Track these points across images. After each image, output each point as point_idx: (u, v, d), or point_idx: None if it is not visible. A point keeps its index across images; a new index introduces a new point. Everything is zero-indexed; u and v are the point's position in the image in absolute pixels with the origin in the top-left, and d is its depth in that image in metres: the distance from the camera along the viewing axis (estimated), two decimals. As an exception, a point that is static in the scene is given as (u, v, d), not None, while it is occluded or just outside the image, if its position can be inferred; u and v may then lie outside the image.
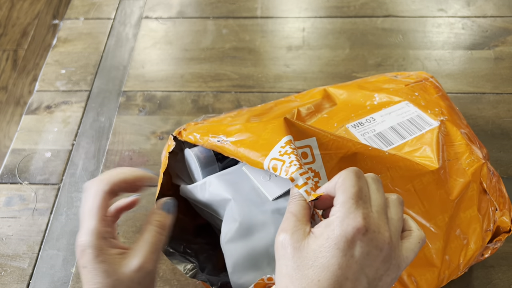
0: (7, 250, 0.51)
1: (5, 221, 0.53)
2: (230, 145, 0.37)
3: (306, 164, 0.35)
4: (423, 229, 0.37)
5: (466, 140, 0.42)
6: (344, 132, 0.42)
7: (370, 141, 0.41)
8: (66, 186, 0.55)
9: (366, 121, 0.43)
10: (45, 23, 1.46)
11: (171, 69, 0.66)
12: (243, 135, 0.37)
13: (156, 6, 0.75)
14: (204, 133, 0.40)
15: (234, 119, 0.46)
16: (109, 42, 0.70)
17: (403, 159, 0.38)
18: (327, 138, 0.36)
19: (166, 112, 0.62)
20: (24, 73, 1.34)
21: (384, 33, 0.69)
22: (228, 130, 0.38)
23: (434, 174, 0.38)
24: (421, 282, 0.36)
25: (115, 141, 0.59)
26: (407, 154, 0.40)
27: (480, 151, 0.43)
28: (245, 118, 0.45)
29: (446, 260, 0.38)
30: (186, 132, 0.41)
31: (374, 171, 0.36)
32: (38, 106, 0.63)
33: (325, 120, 0.45)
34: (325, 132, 0.36)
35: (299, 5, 0.74)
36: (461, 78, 0.63)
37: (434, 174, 0.38)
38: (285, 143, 0.34)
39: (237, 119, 0.45)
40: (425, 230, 0.37)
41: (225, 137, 0.38)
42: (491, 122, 0.58)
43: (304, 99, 0.49)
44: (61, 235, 0.51)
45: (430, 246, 0.37)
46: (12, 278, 0.49)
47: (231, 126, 0.39)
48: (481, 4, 0.72)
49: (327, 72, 0.65)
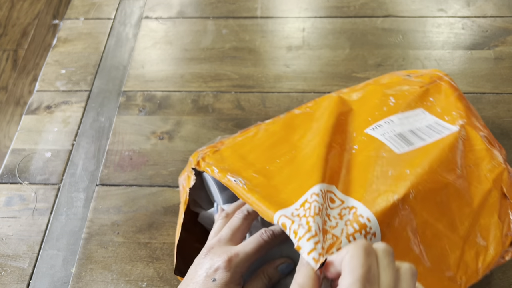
0: (7, 250, 0.51)
1: (5, 221, 0.53)
2: (244, 193, 0.36)
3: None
4: (444, 239, 0.36)
5: (486, 144, 0.41)
6: (365, 138, 0.41)
7: (391, 141, 0.40)
8: (66, 186, 0.55)
9: (384, 123, 0.42)
10: (45, 23, 1.46)
11: (171, 69, 0.66)
12: (262, 186, 0.36)
13: (156, 6, 0.75)
14: (223, 171, 0.38)
15: (253, 146, 0.43)
16: (109, 42, 0.70)
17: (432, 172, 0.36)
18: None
19: (166, 112, 0.62)
20: (24, 73, 1.34)
21: (384, 33, 0.69)
22: (250, 175, 0.37)
23: (455, 184, 0.37)
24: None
25: (115, 141, 0.59)
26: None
27: (500, 153, 0.42)
28: (266, 146, 0.42)
29: (463, 265, 0.37)
30: (205, 163, 0.40)
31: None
32: (38, 106, 0.63)
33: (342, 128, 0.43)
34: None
35: (299, 5, 0.74)
36: (461, 78, 0.63)
37: (455, 183, 0.37)
38: (313, 194, 0.32)
39: (257, 149, 0.42)
40: (447, 240, 0.37)
41: (243, 179, 0.36)
42: (491, 122, 0.58)
43: (320, 109, 0.46)
44: (61, 235, 0.51)
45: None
46: (12, 278, 0.49)
47: (253, 173, 0.38)
48: (481, 4, 0.72)
49: (327, 72, 0.65)
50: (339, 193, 0.35)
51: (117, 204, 0.53)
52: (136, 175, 0.56)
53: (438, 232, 0.36)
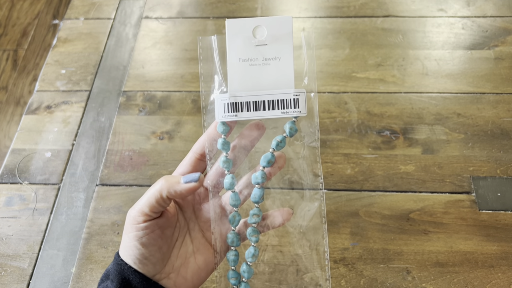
0: (7, 250, 0.51)
1: (5, 221, 0.53)
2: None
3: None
4: None
5: None
6: None
7: None
8: (66, 186, 0.55)
9: None
10: (45, 23, 1.46)
11: (171, 69, 0.66)
12: None
13: (156, 6, 0.75)
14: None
15: None
16: (109, 42, 0.70)
17: None
18: None
19: (166, 112, 0.62)
20: (24, 73, 1.34)
21: (384, 33, 0.69)
22: None
23: None
24: None
25: (115, 141, 0.59)
26: None
27: None
28: None
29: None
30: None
31: None
32: (38, 106, 0.63)
33: None
34: None
35: (299, 5, 0.74)
36: (461, 78, 0.63)
37: None
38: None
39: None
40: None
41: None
42: (491, 122, 0.58)
43: None
44: (61, 235, 0.51)
45: None
46: (12, 278, 0.49)
47: None
48: (481, 4, 0.72)
49: (327, 72, 0.65)
50: None
51: (117, 204, 0.53)
52: (136, 175, 0.56)
53: None
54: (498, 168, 0.54)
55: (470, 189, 0.53)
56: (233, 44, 0.32)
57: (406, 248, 0.49)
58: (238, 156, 0.34)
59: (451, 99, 0.61)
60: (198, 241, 0.35)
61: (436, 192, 0.53)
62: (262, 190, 0.33)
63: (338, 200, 0.53)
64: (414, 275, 0.47)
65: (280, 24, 0.32)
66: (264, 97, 0.32)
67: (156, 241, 0.32)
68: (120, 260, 0.32)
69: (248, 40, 0.32)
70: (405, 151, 0.56)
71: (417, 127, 0.58)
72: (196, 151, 0.34)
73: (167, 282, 0.32)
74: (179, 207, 0.35)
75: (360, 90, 0.62)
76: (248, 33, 0.32)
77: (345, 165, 0.55)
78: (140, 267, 0.32)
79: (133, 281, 0.31)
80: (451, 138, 0.57)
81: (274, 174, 0.33)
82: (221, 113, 0.32)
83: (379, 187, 0.53)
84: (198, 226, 0.35)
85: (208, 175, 0.35)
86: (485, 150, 0.56)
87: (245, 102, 0.32)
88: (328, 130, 0.58)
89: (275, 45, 0.32)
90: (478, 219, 0.50)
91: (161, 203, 0.31)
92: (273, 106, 0.32)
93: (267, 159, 0.33)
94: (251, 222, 0.34)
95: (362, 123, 0.59)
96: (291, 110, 0.32)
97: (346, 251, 0.49)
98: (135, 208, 0.32)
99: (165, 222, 0.32)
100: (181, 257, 0.34)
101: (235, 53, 0.32)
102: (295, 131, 0.33)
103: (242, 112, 0.32)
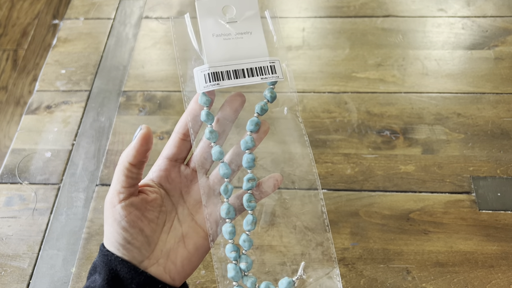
0: (7, 250, 0.51)
1: (5, 221, 0.53)
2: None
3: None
4: None
5: None
6: None
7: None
8: (66, 186, 0.55)
9: None
10: (45, 23, 1.46)
11: (171, 69, 0.66)
12: None
13: (156, 6, 0.75)
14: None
15: None
16: (109, 42, 0.70)
17: None
18: None
19: (166, 112, 0.61)
20: (24, 73, 1.34)
21: (384, 33, 0.69)
22: None
23: None
24: None
25: (115, 141, 0.59)
26: None
27: None
28: None
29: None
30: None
31: None
32: (38, 106, 0.63)
33: None
34: None
35: (299, 5, 0.74)
36: (461, 78, 0.63)
37: None
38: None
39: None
40: None
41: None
42: (491, 122, 0.58)
43: None
44: (61, 235, 0.51)
45: None
46: (12, 278, 0.49)
47: None
48: (481, 4, 0.72)
49: (327, 72, 0.65)
50: None
51: (117, 204, 0.53)
52: (136, 175, 0.56)
53: None
54: (498, 168, 0.54)
55: (470, 189, 0.53)
56: (205, 22, 0.34)
57: (406, 248, 0.49)
58: (223, 129, 0.34)
59: (451, 99, 0.61)
60: (187, 225, 0.34)
61: (436, 192, 0.53)
62: (253, 155, 0.33)
63: (338, 200, 0.53)
64: (414, 275, 0.47)
65: (247, 3, 0.34)
66: (243, 66, 0.34)
67: (136, 223, 0.31)
68: (106, 251, 0.31)
69: (219, 18, 0.34)
70: (405, 151, 0.56)
71: (417, 127, 0.58)
72: (179, 131, 0.34)
73: (157, 269, 0.32)
74: (166, 191, 0.34)
75: (360, 90, 0.62)
76: (218, 11, 0.34)
77: (345, 165, 0.55)
78: (124, 254, 0.31)
79: (120, 272, 0.30)
80: (451, 138, 0.57)
81: (261, 140, 0.34)
82: (202, 83, 0.33)
83: (379, 187, 0.53)
84: (187, 210, 0.34)
85: (194, 155, 0.34)
86: (485, 150, 0.56)
87: (225, 71, 0.33)
88: (328, 130, 0.58)
89: (245, 22, 0.34)
90: (478, 219, 0.50)
91: (129, 175, 0.31)
92: (252, 73, 0.35)
93: (254, 122, 0.34)
94: (247, 188, 0.33)
95: (362, 123, 0.59)
96: (269, 76, 0.34)
97: (346, 251, 0.49)
98: (110, 192, 0.31)
99: (142, 203, 0.32)
100: (169, 241, 0.33)
101: (208, 29, 0.34)
102: (275, 96, 0.35)
103: (223, 80, 0.33)
